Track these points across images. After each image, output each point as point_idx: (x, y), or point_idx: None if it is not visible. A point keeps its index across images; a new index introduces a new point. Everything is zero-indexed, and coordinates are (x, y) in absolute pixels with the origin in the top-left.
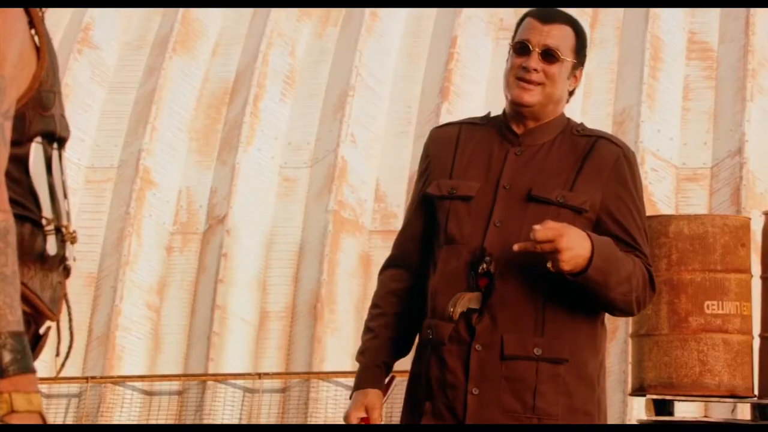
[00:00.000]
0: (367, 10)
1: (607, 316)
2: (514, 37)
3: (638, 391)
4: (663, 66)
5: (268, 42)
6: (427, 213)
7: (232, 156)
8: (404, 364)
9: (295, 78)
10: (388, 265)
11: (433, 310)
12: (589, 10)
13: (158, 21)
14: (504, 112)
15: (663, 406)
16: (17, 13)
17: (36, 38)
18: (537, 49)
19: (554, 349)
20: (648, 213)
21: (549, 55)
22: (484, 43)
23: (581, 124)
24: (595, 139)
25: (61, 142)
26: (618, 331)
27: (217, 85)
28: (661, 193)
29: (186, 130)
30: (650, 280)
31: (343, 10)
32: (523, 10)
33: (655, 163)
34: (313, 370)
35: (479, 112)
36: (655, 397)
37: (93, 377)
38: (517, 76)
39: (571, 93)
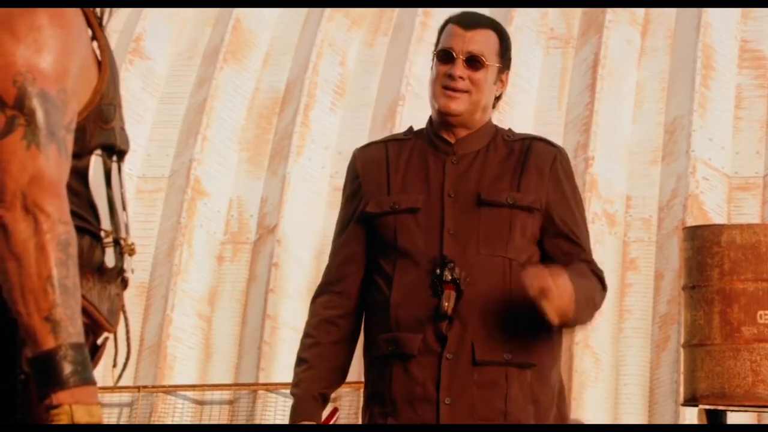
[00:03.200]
0: (417, 19)
1: None
2: (437, 45)
3: (690, 401)
4: (715, 74)
5: (319, 52)
6: (365, 233)
7: (283, 166)
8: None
9: (346, 88)
10: (321, 292)
11: (396, 323)
12: (640, 19)
13: (209, 32)
14: (431, 122)
15: (715, 417)
16: (80, 26)
17: (97, 51)
18: (461, 56)
19: (522, 353)
20: (700, 222)
21: (474, 62)
22: (534, 52)
23: (510, 129)
24: (529, 141)
25: (121, 154)
26: (669, 341)
27: (268, 95)
28: (713, 202)
29: (237, 140)
30: (602, 284)
31: (393, 19)
32: (571, 11)
33: (707, 173)
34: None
35: (530, 122)
36: (707, 407)
37: (145, 386)
38: (443, 85)
39: (498, 98)
